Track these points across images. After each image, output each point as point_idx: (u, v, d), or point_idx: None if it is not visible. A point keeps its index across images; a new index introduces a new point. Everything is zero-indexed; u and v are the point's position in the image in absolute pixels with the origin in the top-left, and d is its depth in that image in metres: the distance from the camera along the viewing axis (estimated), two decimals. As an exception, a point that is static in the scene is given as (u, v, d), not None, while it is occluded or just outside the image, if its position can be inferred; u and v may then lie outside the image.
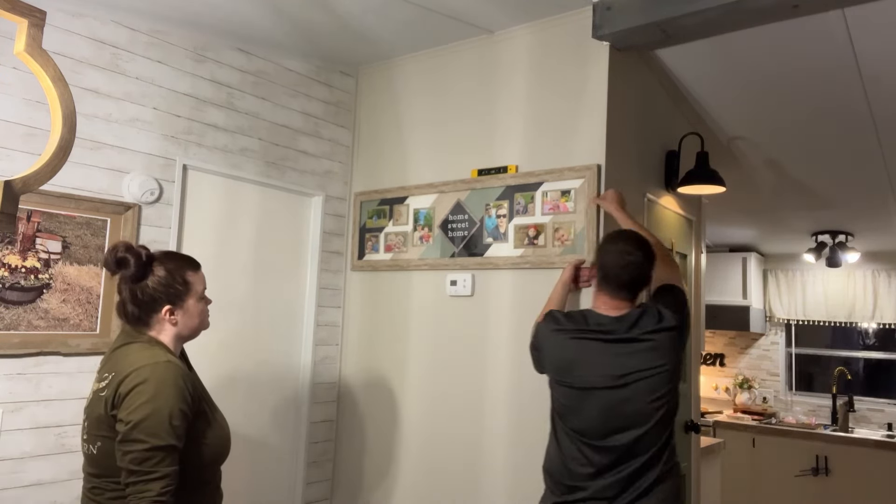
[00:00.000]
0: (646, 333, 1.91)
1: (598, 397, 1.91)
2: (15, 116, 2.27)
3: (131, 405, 1.58)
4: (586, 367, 1.94)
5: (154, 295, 1.71)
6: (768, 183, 4.19)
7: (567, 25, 2.67)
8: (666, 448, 1.92)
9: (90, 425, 1.68)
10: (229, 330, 2.89)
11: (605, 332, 1.94)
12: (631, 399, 1.88)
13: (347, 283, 3.32)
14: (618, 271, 1.96)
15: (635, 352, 1.90)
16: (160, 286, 1.71)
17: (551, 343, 2.04)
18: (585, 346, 1.96)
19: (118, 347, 1.73)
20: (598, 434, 1.91)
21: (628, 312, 1.95)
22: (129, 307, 1.72)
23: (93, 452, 1.66)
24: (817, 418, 5.95)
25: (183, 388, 1.65)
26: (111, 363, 1.71)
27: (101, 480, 1.65)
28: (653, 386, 1.88)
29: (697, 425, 3.29)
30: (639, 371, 1.88)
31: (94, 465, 1.67)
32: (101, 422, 1.64)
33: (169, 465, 1.56)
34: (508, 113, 2.81)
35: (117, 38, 2.53)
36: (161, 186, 2.62)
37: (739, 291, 6.11)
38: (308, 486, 3.13)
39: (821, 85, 2.88)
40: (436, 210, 2.97)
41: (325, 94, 3.28)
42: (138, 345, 1.71)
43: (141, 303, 1.71)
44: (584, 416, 1.94)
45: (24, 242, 2.27)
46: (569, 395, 1.97)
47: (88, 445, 1.67)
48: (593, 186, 2.50)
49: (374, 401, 3.13)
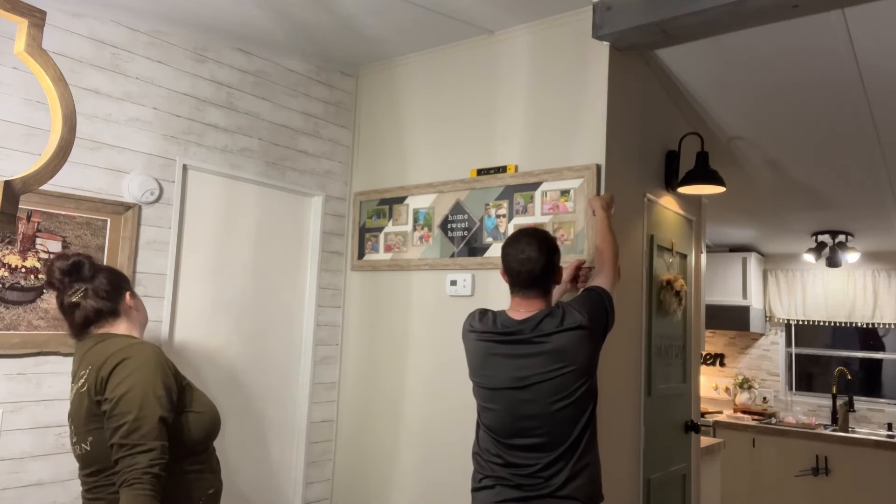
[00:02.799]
0: (546, 335, 1.92)
1: (502, 398, 1.95)
2: (15, 116, 2.27)
3: (114, 382, 1.59)
4: (491, 368, 1.98)
5: (116, 284, 1.88)
6: (768, 183, 4.19)
7: (567, 25, 2.67)
8: (578, 445, 1.92)
9: (78, 426, 1.68)
10: (229, 330, 2.89)
11: (509, 335, 1.96)
12: (532, 401, 1.91)
13: (347, 283, 3.31)
14: (518, 270, 1.97)
15: (536, 354, 1.92)
16: (115, 278, 1.87)
17: (466, 342, 2.10)
18: (491, 349, 1.99)
19: (88, 349, 1.74)
20: (506, 433, 1.95)
21: (535, 314, 1.96)
22: (99, 303, 1.81)
23: (87, 450, 1.65)
24: (817, 418, 5.95)
25: (163, 363, 1.66)
26: (84, 361, 1.72)
27: (100, 477, 1.64)
28: (555, 388, 1.89)
29: (697, 425, 3.29)
30: (539, 373, 1.90)
31: (91, 461, 1.65)
32: (89, 416, 1.63)
33: (157, 438, 1.55)
34: (508, 113, 2.81)
35: (117, 38, 2.53)
36: (161, 186, 2.62)
37: (739, 291, 6.11)
38: (308, 486, 3.13)
39: (821, 85, 2.88)
40: (435, 210, 2.97)
41: (325, 94, 3.28)
42: (107, 340, 1.73)
43: (109, 294, 1.83)
44: (493, 415, 1.98)
45: (24, 242, 2.27)
46: (480, 393, 2.03)
47: (81, 445, 1.67)
48: (593, 186, 2.50)
49: (374, 401, 3.13)
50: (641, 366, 2.80)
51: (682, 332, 3.23)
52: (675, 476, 3.12)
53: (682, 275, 3.21)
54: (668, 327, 3.05)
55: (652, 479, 2.83)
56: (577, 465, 1.91)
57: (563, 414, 1.90)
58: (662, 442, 2.98)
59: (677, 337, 3.18)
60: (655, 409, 2.90)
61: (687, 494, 3.23)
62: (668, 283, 3.00)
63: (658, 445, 2.92)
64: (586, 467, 1.93)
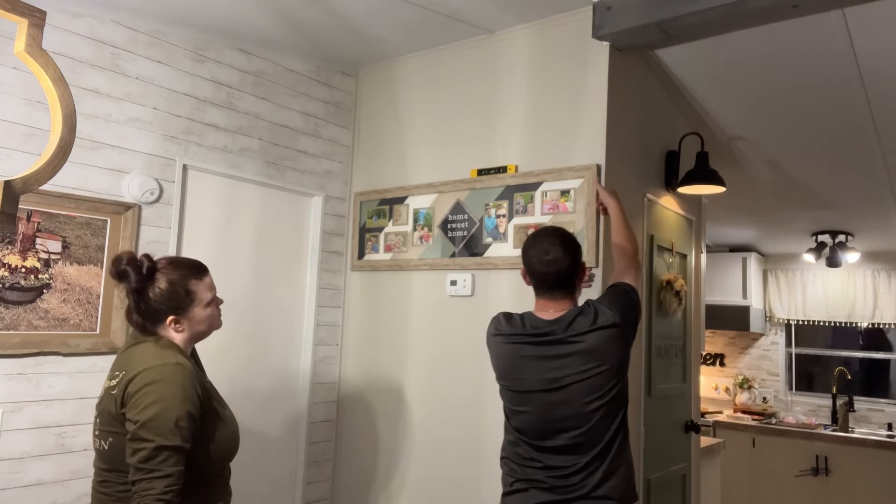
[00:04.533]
0: (579, 335, 1.89)
1: (534, 400, 1.92)
2: (15, 116, 2.27)
3: (139, 405, 1.60)
4: (522, 370, 1.94)
5: (156, 307, 1.72)
6: (768, 183, 4.19)
7: (567, 25, 2.67)
8: (613, 445, 1.90)
9: (102, 422, 1.70)
10: (229, 330, 2.88)
11: (541, 336, 1.92)
12: (566, 402, 1.88)
13: (347, 283, 3.32)
14: (544, 272, 1.94)
15: (569, 354, 1.89)
16: (162, 298, 1.71)
17: (492, 346, 2.05)
18: (520, 350, 1.95)
19: (129, 346, 1.75)
20: (539, 435, 1.92)
21: (565, 314, 1.93)
22: (135, 316, 1.74)
23: (104, 448, 1.68)
24: (817, 418, 5.95)
25: (191, 389, 1.66)
26: (122, 361, 1.72)
27: (112, 474, 1.68)
28: (590, 388, 1.87)
29: (697, 425, 3.29)
30: (574, 373, 1.87)
31: (106, 460, 1.69)
32: (112, 418, 1.66)
33: (174, 465, 1.58)
34: (508, 113, 2.81)
35: (117, 38, 2.53)
36: (161, 186, 2.62)
37: (739, 291, 6.11)
38: (308, 486, 3.13)
39: (821, 85, 2.88)
40: (435, 210, 2.97)
41: (325, 94, 3.28)
42: (148, 344, 1.72)
43: (145, 314, 1.72)
44: (525, 418, 1.94)
45: (24, 242, 2.27)
46: (510, 397, 1.99)
47: (100, 441, 1.70)
48: (593, 186, 2.50)
49: (374, 401, 3.13)
50: (641, 366, 2.80)
51: (682, 332, 3.23)
52: (675, 476, 3.12)
53: (682, 275, 3.21)
54: (668, 327, 3.05)
55: (652, 479, 2.83)
56: (611, 465, 1.89)
57: (598, 414, 1.87)
58: (662, 442, 2.98)
59: (677, 337, 3.18)
60: (655, 409, 2.90)
61: (687, 494, 3.23)
62: (668, 283, 3.00)
63: (658, 445, 2.92)
64: (620, 467, 1.91)
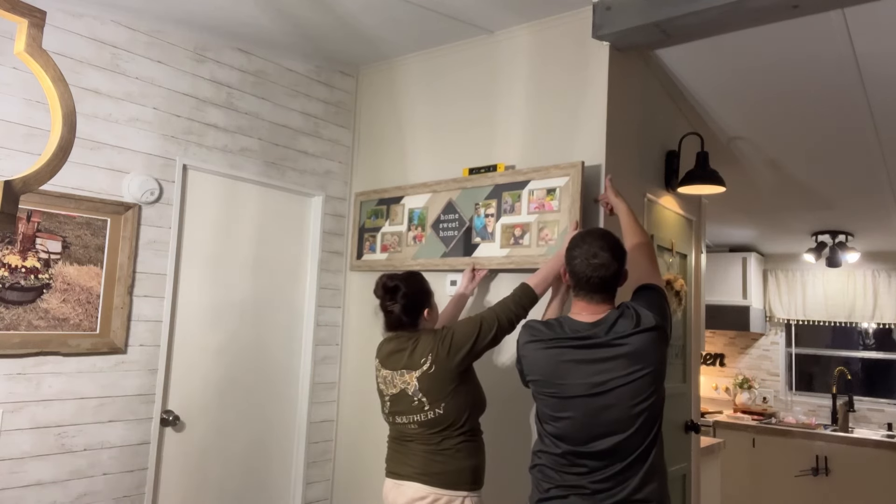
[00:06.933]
0: (622, 338, 1.87)
1: (578, 405, 1.89)
2: (15, 116, 2.27)
3: (452, 338, 2.09)
4: (565, 376, 1.91)
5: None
6: (768, 183, 4.19)
7: (567, 25, 2.67)
8: (652, 449, 1.90)
9: (432, 396, 2.07)
10: (229, 330, 2.89)
11: (582, 339, 1.90)
12: (613, 406, 1.86)
13: (347, 283, 3.31)
14: (588, 275, 1.91)
15: (613, 357, 1.87)
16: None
17: (527, 355, 2.01)
18: (562, 355, 1.92)
19: (398, 351, 2.16)
20: (580, 440, 1.90)
21: (605, 316, 1.92)
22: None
23: (440, 413, 2.07)
24: (817, 418, 5.95)
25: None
26: (405, 360, 2.12)
27: (450, 430, 2.08)
28: (634, 391, 1.85)
29: (697, 425, 3.29)
30: (619, 377, 1.85)
31: (442, 421, 2.08)
32: (442, 384, 2.07)
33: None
34: (508, 113, 2.81)
35: (117, 38, 2.53)
36: (161, 186, 2.62)
37: (739, 291, 6.11)
38: (308, 486, 3.13)
39: (821, 85, 2.88)
40: (429, 210, 2.95)
41: (325, 94, 3.28)
42: (423, 334, 2.16)
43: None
44: (566, 423, 1.92)
45: (24, 242, 2.27)
46: (551, 404, 1.95)
47: (434, 411, 2.07)
48: (577, 184, 2.47)
49: (374, 401, 3.12)
50: (641, 366, 2.80)
51: (682, 332, 3.23)
52: (675, 476, 3.12)
53: (682, 275, 3.21)
54: (668, 327, 3.05)
55: (652, 479, 2.83)
56: (650, 468, 1.88)
57: (642, 417, 1.86)
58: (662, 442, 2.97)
59: (677, 337, 3.18)
60: (655, 409, 2.90)
61: (687, 494, 3.23)
62: (668, 283, 2.99)
63: (658, 445, 2.91)
64: (657, 470, 1.91)
